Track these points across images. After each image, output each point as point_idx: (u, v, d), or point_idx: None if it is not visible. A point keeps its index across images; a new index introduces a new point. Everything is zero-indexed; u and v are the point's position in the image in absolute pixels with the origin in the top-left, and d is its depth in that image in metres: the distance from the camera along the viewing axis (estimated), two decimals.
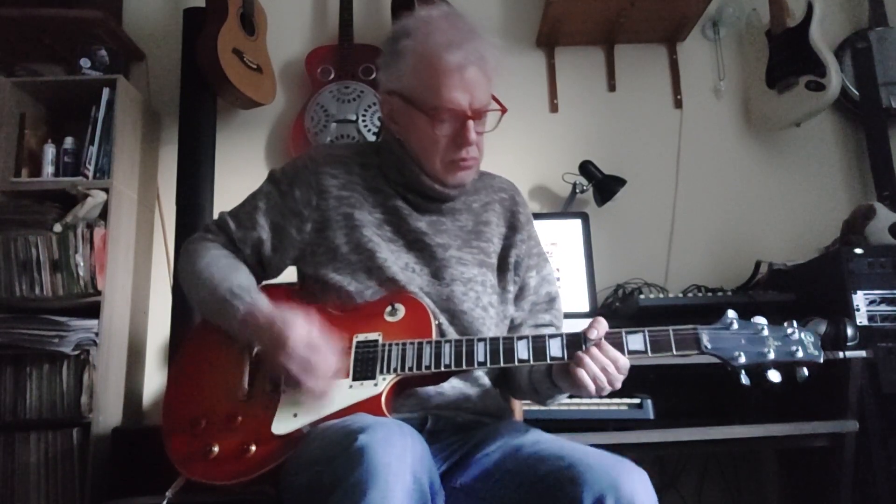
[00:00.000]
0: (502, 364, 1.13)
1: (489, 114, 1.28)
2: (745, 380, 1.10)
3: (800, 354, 1.09)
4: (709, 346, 1.10)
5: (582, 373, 1.08)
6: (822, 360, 1.11)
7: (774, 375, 1.09)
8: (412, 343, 1.14)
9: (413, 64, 1.23)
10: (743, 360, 1.09)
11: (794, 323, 1.13)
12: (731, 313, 1.13)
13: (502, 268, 1.34)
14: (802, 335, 1.11)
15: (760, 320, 1.13)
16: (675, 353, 1.11)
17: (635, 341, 1.11)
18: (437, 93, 1.21)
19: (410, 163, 1.29)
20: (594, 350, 1.09)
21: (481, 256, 1.31)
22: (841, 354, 1.89)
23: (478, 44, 1.23)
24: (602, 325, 1.11)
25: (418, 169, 1.28)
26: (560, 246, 2.32)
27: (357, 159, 1.34)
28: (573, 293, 2.26)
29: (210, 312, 1.25)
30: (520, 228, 1.38)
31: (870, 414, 1.95)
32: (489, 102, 1.27)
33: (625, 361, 1.09)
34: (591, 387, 1.08)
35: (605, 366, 1.08)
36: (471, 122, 1.23)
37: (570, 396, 1.33)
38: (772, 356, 1.09)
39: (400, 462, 0.90)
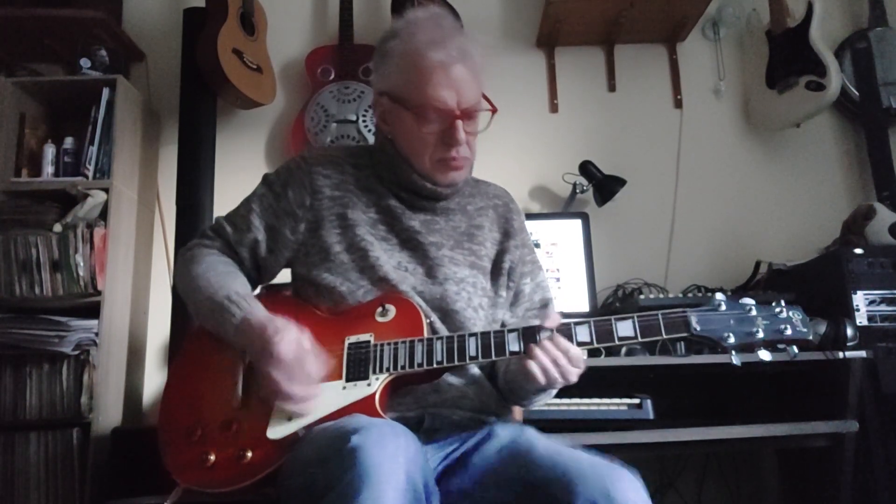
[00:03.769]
0: (493, 357, 1.13)
1: (481, 114, 1.28)
2: (736, 360, 1.10)
3: (788, 332, 1.10)
4: (698, 329, 1.10)
5: (532, 364, 1.08)
6: (811, 337, 1.12)
7: (765, 354, 1.10)
8: (404, 342, 1.14)
9: (399, 63, 1.24)
10: (732, 340, 1.10)
11: (782, 302, 1.13)
12: (719, 295, 1.13)
13: (496, 272, 1.34)
14: (791, 313, 1.12)
15: (748, 301, 1.13)
16: (664, 336, 1.11)
17: (625, 328, 1.11)
18: (422, 91, 1.21)
19: (402, 162, 1.29)
20: (546, 342, 1.09)
21: (472, 258, 1.31)
22: (841, 354, 1.89)
23: (462, 42, 1.23)
24: (555, 317, 1.11)
25: (409, 168, 1.28)
26: (560, 246, 2.32)
27: (349, 160, 1.35)
28: (573, 293, 2.27)
29: (206, 318, 1.23)
30: (513, 234, 1.38)
31: (870, 414, 1.95)
32: (479, 102, 1.26)
33: (576, 352, 1.10)
34: (542, 378, 1.08)
35: (557, 358, 1.08)
36: (459, 122, 1.22)
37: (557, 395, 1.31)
38: (761, 335, 1.10)
39: (392, 462, 0.90)
